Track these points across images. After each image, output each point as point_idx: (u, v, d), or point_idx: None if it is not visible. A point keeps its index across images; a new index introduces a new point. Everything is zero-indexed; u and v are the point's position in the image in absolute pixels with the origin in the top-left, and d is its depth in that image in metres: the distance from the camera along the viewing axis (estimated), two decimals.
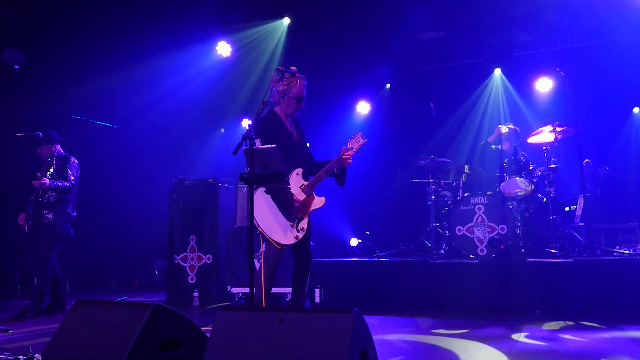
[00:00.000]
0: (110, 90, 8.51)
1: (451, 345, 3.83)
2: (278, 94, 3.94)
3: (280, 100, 3.97)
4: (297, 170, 3.89)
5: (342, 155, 3.87)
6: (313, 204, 3.90)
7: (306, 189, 3.87)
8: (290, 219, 3.78)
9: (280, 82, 3.89)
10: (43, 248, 5.69)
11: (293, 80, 3.93)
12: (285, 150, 3.84)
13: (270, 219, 3.73)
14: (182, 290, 6.63)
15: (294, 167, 3.89)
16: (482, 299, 5.14)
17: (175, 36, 8.09)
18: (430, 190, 6.80)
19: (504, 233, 5.69)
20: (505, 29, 8.11)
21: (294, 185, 3.83)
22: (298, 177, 3.89)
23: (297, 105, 3.99)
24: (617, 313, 4.57)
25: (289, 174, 3.83)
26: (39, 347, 3.49)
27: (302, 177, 3.92)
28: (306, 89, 4.01)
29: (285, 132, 3.95)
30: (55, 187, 5.66)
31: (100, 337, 2.62)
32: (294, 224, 3.79)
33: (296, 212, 3.80)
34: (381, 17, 8.19)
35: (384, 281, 5.65)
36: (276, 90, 3.92)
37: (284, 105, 3.98)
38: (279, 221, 3.75)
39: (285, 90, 3.93)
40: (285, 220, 3.76)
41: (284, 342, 2.27)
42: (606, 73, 7.59)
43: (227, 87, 9.06)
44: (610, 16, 7.58)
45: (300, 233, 3.81)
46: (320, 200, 3.95)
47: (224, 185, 6.93)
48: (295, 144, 3.99)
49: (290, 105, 3.97)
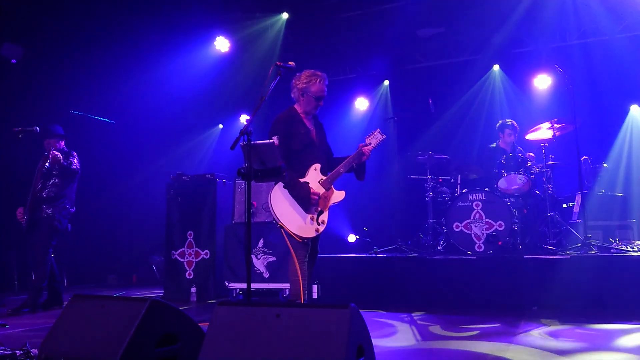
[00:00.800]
0: (108, 85, 8.50)
1: (448, 344, 3.84)
2: (297, 91, 4.00)
3: (300, 98, 4.01)
4: (314, 166, 3.94)
5: (360, 150, 3.99)
6: (333, 198, 3.95)
7: (325, 183, 3.92)
8: (310, 212, 3.82)
9: (301, 79, 3.95)
10: (41, 243, 5.68)
11: (313, 79, 3.97)
12: (304, 147, 3.94)
13: (291, 213, 3.77)
14: (179, 286, 6.64)
15: (312, 163, 3.94)
16: (480, 296, 5.15)
17: (173, 31, 8.08)
18: (428, 186, 6.80)
19: (502, 229, 5.69)
20: (504, 26, 8.09)
21: (312, 180, 3.88)
22: (316, 172, 3.93)
23: (315, 104, 4.02)
24: (614, 309, 4.58)
25: (307, 170, 3.90)
26: (36, 341, 3.49)
27: (321, 172, 3.96)
28: (327, 88, 4.06)
29: (304, 129, 3.99)
30: (67, 164, 5.66)
31: (97, 332, 2.61)
32: (314, 217, 3.83)
33: (315, 205, 3.84)
34: (380, 12, 8.18)
35: (381, 277, 5.65)
36: (296, 88, 3.99)
37: (303, 103, 4.02)
38: (299, 214, 3.79)
39: (305, 88, 3.97)
40: (305, 214, 3.80)
41: (281, 337, 2.27)
42: (604, 70, 7.59)
43: (225, 82, 9.05)
44: (608, 14, 7.58)
45: (320, 226, 3.86)
46: (340, 194, 4.01)
47: (222, 181, 6.92)
48: (314, 141, 4.02)
49: (309, 103, 4.01)
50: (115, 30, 7.93)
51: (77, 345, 2.62)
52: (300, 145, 3.92)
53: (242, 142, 3.23)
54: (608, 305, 4.63)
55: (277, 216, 3.73)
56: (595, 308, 4.65)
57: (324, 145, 4.15)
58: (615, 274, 4.71)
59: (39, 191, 5.70)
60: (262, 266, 6.15)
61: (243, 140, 3.21)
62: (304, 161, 3.92)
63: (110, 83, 8.43)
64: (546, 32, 8.20)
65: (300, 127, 3.98)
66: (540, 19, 7.85)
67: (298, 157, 3.91)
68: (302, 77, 3.99)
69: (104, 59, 8.14)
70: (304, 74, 4.01)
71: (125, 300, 2.86)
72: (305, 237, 3.79)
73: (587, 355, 3.33)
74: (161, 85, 8.69)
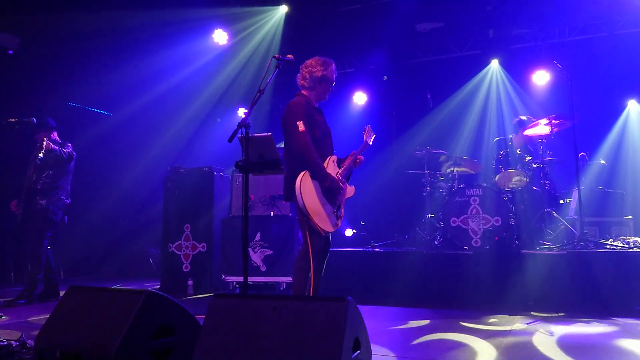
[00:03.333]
0: (106, 77, 8.44)
1: (443, 338, 3.85)
2: (314, 79, 3.86)
3: (316, 86, 3.89)
4: (332, 158, 3.86)
5: (355, 157, 3.99)
6: (347, 193, 3.93)
7: (341, 177, 3.84)
8: (334, 205, 3.75)
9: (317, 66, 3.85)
10: (36, 234, 5.66)
11: (328, 65, 3.89)
12: (323, 135, 3.85)
13: (318, 205, 3.65)
14: (176, 279, 6.63)
15: (329, 153, 3.86)
16: (476, 290, 5.15)
17: (171, 23, 8.01)
18: (426, 181, 6.80)
19: (499, 225, 5.70)
20: (503, 21, 8.08)
21: (331, 172, 3.77)
22: (334, 165, 3.85)
23: (330, 90, 3.97)
24: (609, 305, 4.59)
25: (326, 161, 3.79)
26: (32, 333, 3.48)
27: (337, 164, 3.89)
28: None
29: (320, 118, 3.91)
30: (60, 153, 5.63)
31: (94, 324, 2.61)
32: (335, 211, 3.76)
33: (340, 198, 3.79)
34: (379, 6, 8.15)
35: (378, 271, 5.66)
36: (312, 75, 3.85)
37: (319, 91, 3.91)
38: (324, 207, 3.70)
39: (324, 75, 3.87)
40: (330, 207, 3.73)
41: (277, 329, 2.27)
42: (602, 66, 7.58)
43: (223, 75, 9.01)
44: (607, 10, 7.57)
45: (339, 220, 3.81)
46: (351, 189, 3.98)
47: (220, 174, 6.91)
48: (329, 131, 3.98)
49: (326, 90, 3.95)
50: (113, 22, 7.86)
51: (73, 337, 2.62)
52: (320, 133, 3.82)
53: (240, 135, 3.22)
54: (603, 300, 4.65)
55: (307, 207, 3.54)
56: (590, 303, 4.67)
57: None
58: (611, 270, 4.73)
59: (33, 183, 5.68)
60: (259, 260, 6.15)
61: (241, 133, 3.20)
62: (324, 151, 3.81)
63: (108, 75, 8.38)
64: (545, 28, 8.20)
65: (317, 115, 3.88)
66: (539, 14, 7.84)
67: (318, 146, 3.76)
68: (317, 64, 3.87)
69: (101, 50, 8.08)
70: (317, 61, 3.89)
71: (122, 292, 2.85)
72: (327, 231, 3.72)
73: (583, 349, 3.35)
74: (159, 78, 8.64)
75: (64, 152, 5.71)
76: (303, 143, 3.58)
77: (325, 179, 3.65)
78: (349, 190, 3.94)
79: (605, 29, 7.90)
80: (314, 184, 3.64)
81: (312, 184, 3.63)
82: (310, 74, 3.86)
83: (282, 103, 8.06)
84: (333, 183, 3.68)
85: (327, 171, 3.69)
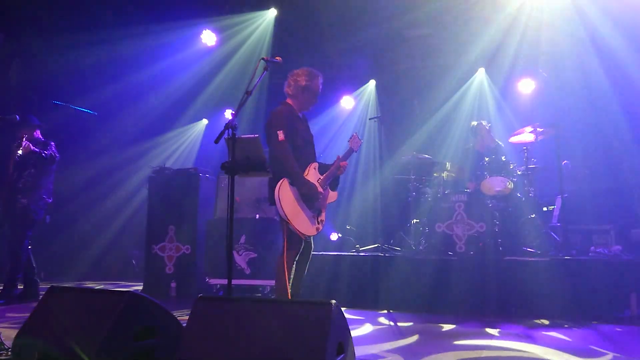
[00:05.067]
0: (91, 76, 8.36)
1: (426, 342, 3.86)
2: (299, 88, 3.98)
3: (299, 95, 4.01)
4: (314, 164, 3.97)
5: (337, 164, 4.03)
6: (329, 198, 4.05)
7: (322, 183, 3.95)
8: (313, 210, 3.87)
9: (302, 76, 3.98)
10: (16, 234, 5.58)
11: (314, 77, 4.01)
12: (305, 143, 3.97)
13: (297, 210, 3.77)
14: (159, 281, 6.56)
15: (311, 161, 3.97)
16: (460, 295, 5.18)
17: (159, 23, 7.96)
18: (412, 186, 6.82)
19: (483, 231, 5.73)
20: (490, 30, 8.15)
21: (312, 179, 3.89)
22: (315, 172, 3.96)
23: (313, 101, 4.08)
24: (590, 311, 4.65)
25: (307, 168, 3.91)
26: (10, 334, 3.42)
27: (319, 171, 3.99)
28: None
29: (302, 126, 4.02)
30: (40, 153, 5.54)
31: (75, 325, 2.57)
32: (315, 215, 3.88)
33: (320, 204, 3.90)
34: (367, 12, 8.17)
35: (363, 276, 5.66)
36: (296, 84, 3.98)
37: (302, 100, 4.02)
38: (304, 212, 3.81)
39: (308, 85, 3.98)
40: (310, 212, 3.84)
41: (261, 332, 2.26)
42: (586, 76, 7.68)
43: (210, 76, 8.98)
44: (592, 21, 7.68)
45: (320, 225, 3.92)
46: (334, 194, 4.10)
47: (205, 175, 6.87)
48: (312, 139, 4.11)
49: (308, 100, 4.05)
50: (100, 20, 7.80)
51: (53, 338, 2.57)
52: (302, 141, 3.94)
53: (226, 136, 3.20)
54: (585, 307, 4.70)
55: (285, 212, 3.69)
56: (572, 310, 4.71)
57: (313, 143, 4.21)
58: (593, 277, 4.79)
59: (14, 181, 5.59)
60: (244, 262, 6.12)
61: (228, 134, 3.19)
62: (305, 158, 3.93)
63: (94, 74, 8.30)
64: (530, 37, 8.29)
65: (299, 123, 3.99)
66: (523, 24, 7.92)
67: (299, 153, 3.89)
68: (302, 74, 4.00)
69: (87, 49, 7.99)
70: (303, 71, 4.02)
71: (104, 293, 2.81)
72: (307, 235, 3.84)
73: (565, 355, 3.38)
74: (146, 77, 8.58)
75: (45, 154, 5.62)
76: (282, 152, 3.74)
77: (302, 185, 3.78)
78: (331, 195, 4.06)
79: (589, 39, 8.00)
80: (293, 190, 3.78)
81: (291, 190, 3.77)
82: (295, 82, 4.01)
83: (270, 105, 8.05)
84: (311, 190, 3.81)
85: (305, 178, 3.83)
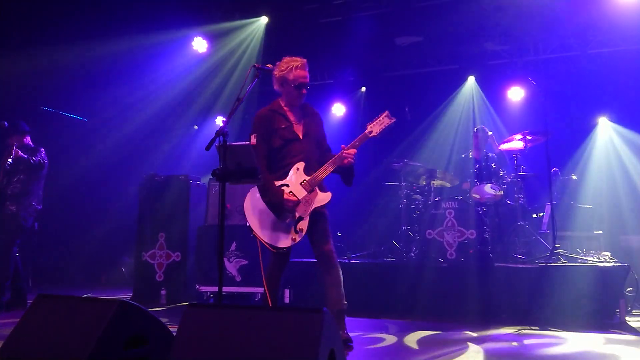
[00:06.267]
0: (81, 82, 8.32)
1: (415, 349, 3.85)
2: (277, 81, 3.69)
3: (281, 89, 3.72)
4: (297, 165, 3.62)
5: (341, 153, 3.65)
6: (316, 201, 3.60)
7: (307, 185, 3.59)
8: (285, 219, 3.52)
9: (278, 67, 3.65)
10: (4, 241, 5.52)
11: (291, 65, 3.66)
12: (285, 143, 3.61)
13: (264, 220, 3.50)
14: (149, 288, 6.51)
15: (294, 161, 3.62)
16: (450, 302, 5.20)
17: (150, 30, 7.95)
18: (402, 193, 6.84)
19: (473, 238, 5.76)
20: (480, 38, 8.24)
21: (294, 183, 3.58)
22: (299, 173, 3.60)
23: (297, 93, 3.69)
24: (579, 318, 4.67)
25: (288, 170, 3.60)
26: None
27: (305, 171, 3.62)
28: (308, 73, 3.73)
29: (285, 124, 3.66)
30: (30, 160, 5.50)
31: (63, 334, 2.54)
32: (293, 224, 3.52)
33: (292, 212, 3.53)
34: (359, 19, 8.22)
35: (353, 283, 5.63)
36: (274, 78, 3.68)
37: (285, 94, 3.72)
38: (273, 222, 3.50)
39: (283, 76, 3.66)
40: (280, 223, 3.51)
41: (252, 340, 2.25)
42: (575, 84, 7.79)
43: (202, 83, 8.97)
44: (580, 30, 7.80)
45: (298, 235, 3.51)
46: (325, 195, 3.65)
47: (196, 182, 6.85)
48: (297, 136, 3.67)
49: (290, 93, 3.70)
50: (90, 26, 7.76)
51: (41, 347, 2.54)
52: (280, 141, 3.61)
53: (217, 143, 3.19)
54: (574, 314, 4.72)
55: (250, 223, 3.52)
56: (561, 317, 4.74)
57: (314, 139, 3.77)
58: (583, 284, 4.82)
59: (3, 187, 5.55)
60: (235, 270, 6.09)
61: (219, 141, 3.17)
62: (285, 160, 3.63)
63: (83, 80, 8.26)
64: (520, 45, 8.38)
65: (281, 121, 3.66)
66: (514, 32, 8.01)
67: (278, 155, 3.62)
68: (279, 65, 3.69)
69: (77, 54, 7.95)
70: (282, 61, 3.72)
71: (93, 301, 2.78)
72: (278, 247, 3.51)
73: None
74: (136, 84, 8.55)
75: (33, 160, 5.58)
76: (255, 157, 3.35)
77: (264, 194, 3.50)
78: (320, 197, 3.63)
79: (578, 48, 8.13)
80: (259, 199, 3.54)
81: (258, 199, 3.53)
82: (274, 76, 3.73)
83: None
84: (273, 198, 3.49)
85: (270, 185, 3.52)
